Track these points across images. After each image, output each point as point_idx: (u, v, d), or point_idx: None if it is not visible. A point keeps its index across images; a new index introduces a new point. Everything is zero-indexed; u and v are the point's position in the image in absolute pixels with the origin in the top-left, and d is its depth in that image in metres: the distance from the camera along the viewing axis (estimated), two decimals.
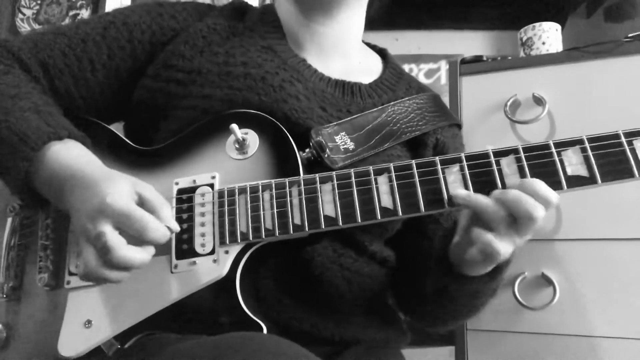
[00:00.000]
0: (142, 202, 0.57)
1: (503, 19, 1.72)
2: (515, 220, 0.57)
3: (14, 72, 0.72)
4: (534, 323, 1.06)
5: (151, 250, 0.57)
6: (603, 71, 1.06)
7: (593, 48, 1.07)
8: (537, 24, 1.20)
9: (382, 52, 0.91)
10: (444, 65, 1.79)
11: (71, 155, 0.62)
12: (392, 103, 0.78)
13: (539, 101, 1.09)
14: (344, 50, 0.83)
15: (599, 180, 0.57)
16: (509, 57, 1.19)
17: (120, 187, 0.57)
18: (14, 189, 0.63)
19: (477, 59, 1.19)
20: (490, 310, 1.09)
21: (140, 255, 0.55)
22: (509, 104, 1.10)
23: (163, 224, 0.57)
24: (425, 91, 0.87)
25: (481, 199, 0.58)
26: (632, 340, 0.98)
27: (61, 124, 0.64)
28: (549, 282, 1.04)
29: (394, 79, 0.85)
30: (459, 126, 0.89)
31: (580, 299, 1.03)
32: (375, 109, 0.77)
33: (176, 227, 0.59)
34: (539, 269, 1.06)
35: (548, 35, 1.19)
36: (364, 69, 0.84)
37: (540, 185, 0.56)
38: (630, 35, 1.06)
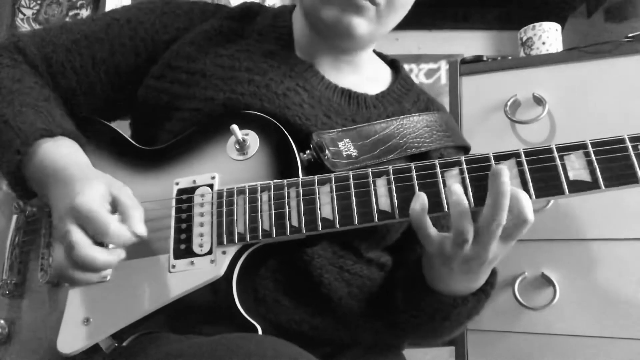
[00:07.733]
0: (115, 204, 0.58)
1: (503, 19, 1.72)
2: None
3: (20, 66, 0.73)
4: (534, 323, 1.06)
5: (119, 253, 0.56)
6: (603, 71, 1.06)
7: (593, 48, 1.07)
8: (537, 24, 1.20)
9: (393, 63, 0.89)
10: (444, 65, 1.79)
11: (58, 152, 0.63)
12: (400, 117, 0.77)
13: (539, 101, 1.09)
14: (355, 64, 0.81)
15: (602, 186, 0.55)
16: (509, 57, 1.19)
17: (94, 188, 0.57)
18: (8, 180, 0.65)
19: (477, 59, 1.19)
20: (490, 310, 1.09)
21: (104, 256, 0.55)
22: (509, 104, 1.10)
23: (127, 229, 0.56)
24: (435, 106, 0.85)
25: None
26: (632, 340, 0.98)
27: (56, 121, 0.65)
28: (549, 282, 1.04)
29: (402, 90, 0.83)
30: (465, 149, 0.86)
31: (580, 299, 1.03)
32: (382, 121, 0.75)
33: (142, 232, 0.57)
34: (539, 269, 1.06)
35: (548, 35, 1.19)
36: (373, 79, 0.83)
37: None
38: (630, 35, 1.06)
